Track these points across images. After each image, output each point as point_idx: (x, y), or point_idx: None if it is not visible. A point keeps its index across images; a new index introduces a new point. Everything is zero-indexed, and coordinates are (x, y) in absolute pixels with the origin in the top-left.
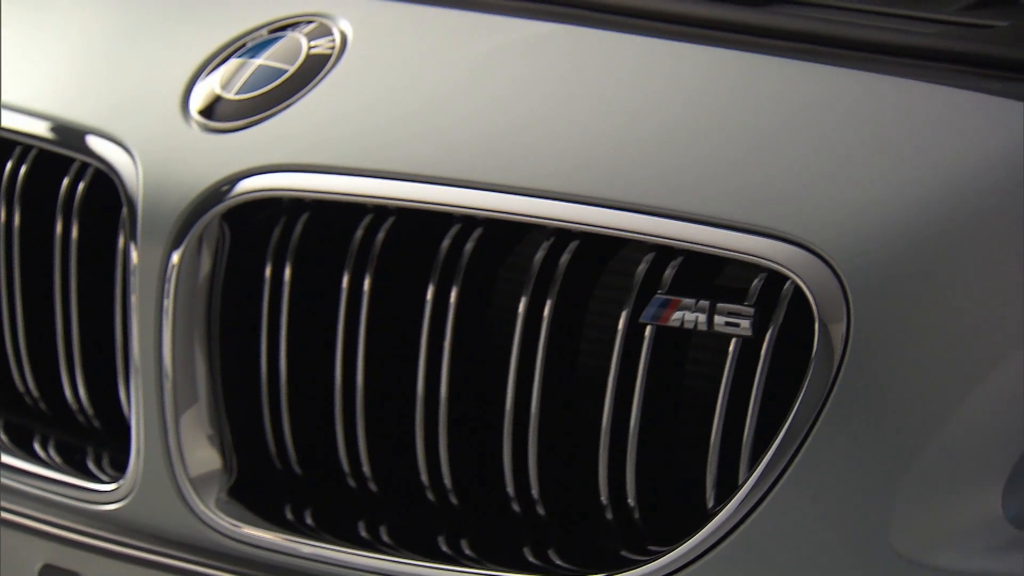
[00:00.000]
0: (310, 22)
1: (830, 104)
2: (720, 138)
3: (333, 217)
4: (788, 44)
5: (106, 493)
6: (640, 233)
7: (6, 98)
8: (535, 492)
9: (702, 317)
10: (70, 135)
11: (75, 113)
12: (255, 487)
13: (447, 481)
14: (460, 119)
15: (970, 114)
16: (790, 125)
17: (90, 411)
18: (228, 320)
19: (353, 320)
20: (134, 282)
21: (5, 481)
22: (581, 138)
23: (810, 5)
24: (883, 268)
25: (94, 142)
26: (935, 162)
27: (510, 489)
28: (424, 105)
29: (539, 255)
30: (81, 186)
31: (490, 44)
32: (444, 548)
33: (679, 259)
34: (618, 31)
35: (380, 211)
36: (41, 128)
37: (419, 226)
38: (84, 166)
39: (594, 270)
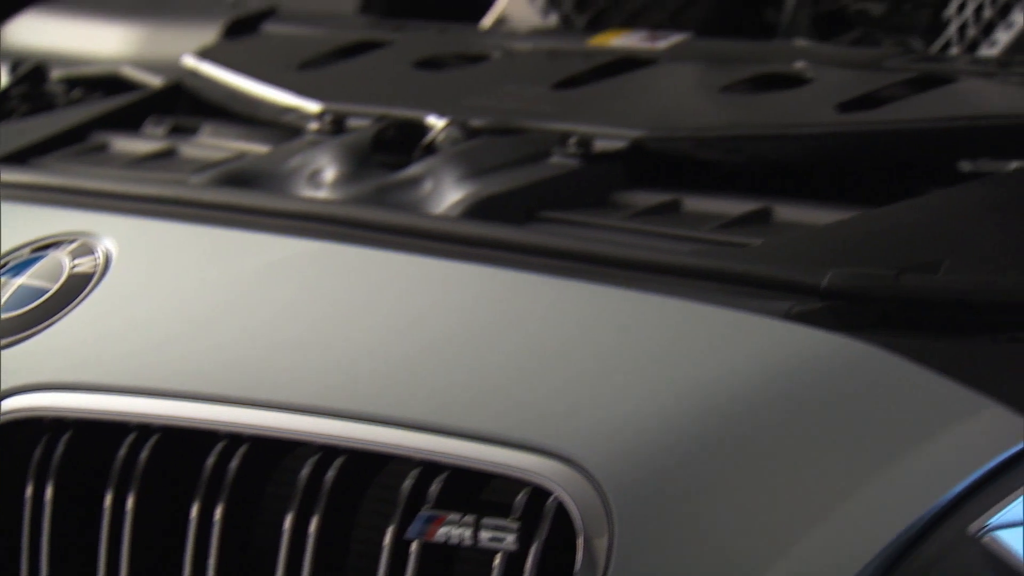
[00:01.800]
0: (73, 241)
1: (594, 321)
2: (486, 355)
3: (97, 436)
4: (552, 262)
5: None
6: (405, 449)
7: None
8: None
9: (467, 532)
10: None
11: None
12: None
13: None
14: (225, 337)
15: (728, 331)
16: (555, 342)
17: None
18: None
19: (116, 540)
20: None
21: None
22: (347, 355)
23: (573, 224)
24: (646, 483)
25: None
26: (696, 378)
27: None
28: (188, 324)
29: (304, 471)
30: None
31: (257, 262)
32: None
33: (445, 474)
34: (386, 249)
35: (144, 429)
36: None
37: (184, 444)
38: None
39: (361, 485)
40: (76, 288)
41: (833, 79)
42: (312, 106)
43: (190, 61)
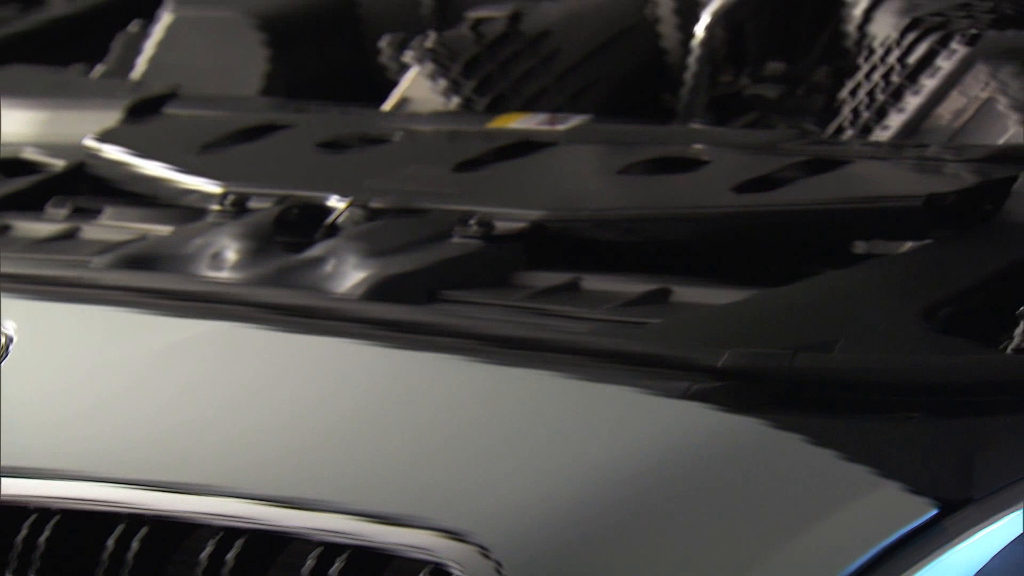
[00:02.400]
0: None
1: (494, 401)
2: (387, 435)
3: None
4: (453, 342)
5: None
6: (306, 529)
7: None
8: None
9: None
10: None
11: None
12: None
13: None
14: (126, 419)
15: (627, 410)
16: (455, 422)
17: None
18: None
19: None
20: None
21: None
22: (249, 436)
23: (474, 304)
24: (545, 562)
25: None
26: (595, 458)
27: None
28: (89, 406)
29: (205, 552)
30: None
31: (158, 343)
32: None
33: (346, 554)
34: (288, 330)
35: (44, 512)
36: None
37: (85, 525)
38: None
39: (262, 566)
40: None
41: (729, 161)
42: (214, 187)
43: (92, 143)
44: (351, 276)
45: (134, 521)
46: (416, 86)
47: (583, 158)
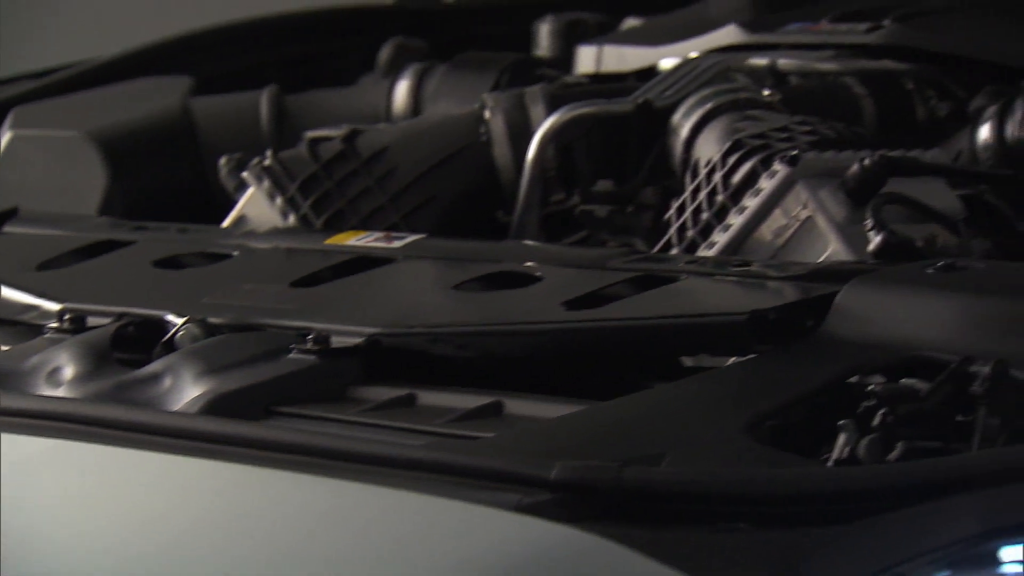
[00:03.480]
0: None
1: (328, 516)
2: (222, 551)
3: None
4: (288, 457)
5: None
6: None
7: None
8: None
9: None
10: None
11: None
12: None
13: None
14: None
15: (459, 523)
16: (289, 537)
17: None
18: None
19: None
20: None
21: None
22: (83, 553)
23: (309, 418)
24: None
25: None
26: (429, 570)
27: None
28: None
29: None
30: None
31: None
32: None
33: None
34: (124, 446)
35: None
36: None
37: None
38: None
39: None
40: None
41: (561, 278)
42: (51, 305)
43: None
44: (188, 392)
45: None
46: (254, 204)
47: (419, 274)
